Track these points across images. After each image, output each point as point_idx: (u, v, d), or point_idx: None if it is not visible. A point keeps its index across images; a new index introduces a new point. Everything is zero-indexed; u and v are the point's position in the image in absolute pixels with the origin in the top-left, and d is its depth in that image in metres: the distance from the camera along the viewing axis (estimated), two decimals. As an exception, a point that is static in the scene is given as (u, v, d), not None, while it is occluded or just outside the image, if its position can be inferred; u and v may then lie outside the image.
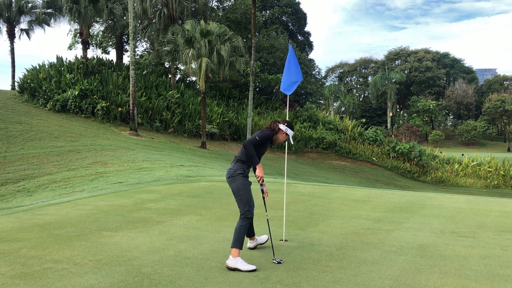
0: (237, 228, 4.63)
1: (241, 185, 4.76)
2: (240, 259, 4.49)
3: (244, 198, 4.72)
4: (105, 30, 45.08)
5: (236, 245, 4.55)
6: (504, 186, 31.40)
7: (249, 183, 4.84)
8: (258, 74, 38.13)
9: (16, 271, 4.30)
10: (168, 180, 11.74)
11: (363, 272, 4.47)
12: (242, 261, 4.49)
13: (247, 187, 4.79)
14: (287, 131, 5.06)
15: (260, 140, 4.86)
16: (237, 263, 4.45)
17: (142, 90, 30.76)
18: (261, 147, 4.97)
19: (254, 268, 4.44)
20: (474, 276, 4.43)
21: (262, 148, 4.98)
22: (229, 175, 4.87)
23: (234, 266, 4.45)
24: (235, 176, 4.82)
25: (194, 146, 27.27)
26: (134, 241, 5.49)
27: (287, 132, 5.07)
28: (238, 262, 4.46)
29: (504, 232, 6.42)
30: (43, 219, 6.80)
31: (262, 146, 4.98)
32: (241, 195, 4.73)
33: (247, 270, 4.41)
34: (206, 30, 27.44)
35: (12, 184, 13.57)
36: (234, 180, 4.81)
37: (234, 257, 4.50)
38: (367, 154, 35.66)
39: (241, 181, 4.78)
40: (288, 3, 52.36)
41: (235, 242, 4.56)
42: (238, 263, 4.45)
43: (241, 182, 4.78)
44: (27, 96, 28.67)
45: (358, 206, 8.39)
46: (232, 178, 4.82)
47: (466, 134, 77.90)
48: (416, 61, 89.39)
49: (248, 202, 4.73)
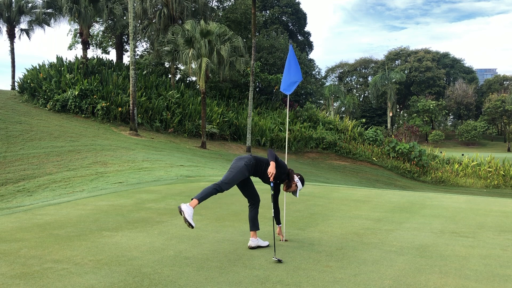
0: (206, 188, 4.92)
1: (236, 164, 5.13)
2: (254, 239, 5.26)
3: (229, 172, 5.05)
4: (105, 30, 45.10)
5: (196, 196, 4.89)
6: (504, 186, 31.41)
7: (244, 167, 5.06)
8: (258, 74, 38.13)
9: (16, 271, 4.30)
10: (168, 180, 11.74)
11: (363, 272, 4.47)
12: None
13: (239, 167, 5.05)
14: (297, 183, 5.40)
15: (280, 163, 5.27)
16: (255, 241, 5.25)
17: (142, 90, 30.76)
18: (267, 172, 5.18)
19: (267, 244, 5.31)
20: (474, 276, 4.43)
21: (266, 175, 5.22)
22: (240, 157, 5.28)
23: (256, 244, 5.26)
24: (242, 159, 5.19)
25: (194, 146, 27.27)
26: (134, 241, 5.49)
27: (297, 184, 5.40)
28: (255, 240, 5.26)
29: (504, 232, 6.42)
30: (43, 219, 6.80)
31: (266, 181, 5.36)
32: (231, 171, 5.06)
33: (263, 245, 5.29)
34: (206, 30, 27.44)
35: (12, 184, 13.57)
36: (239, 161, 5.19)
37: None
38: (367, 154, 35.66)
39: (240, 163, 5.12)
40: (288, 3, 52.37)
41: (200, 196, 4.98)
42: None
43: (238, 162, 5.14)
44: (27, 96, 28.67)
45: (358, 206, 8.39)
46: (239, 160, 5.19)
47: (466, 134, 77.91)
48: (416, 61, 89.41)
49: (227, 176, 4.98)
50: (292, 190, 5.39)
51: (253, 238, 5.23)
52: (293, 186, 5.36)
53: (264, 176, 5.28)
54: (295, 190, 5.39)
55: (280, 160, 5.30)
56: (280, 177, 5.33)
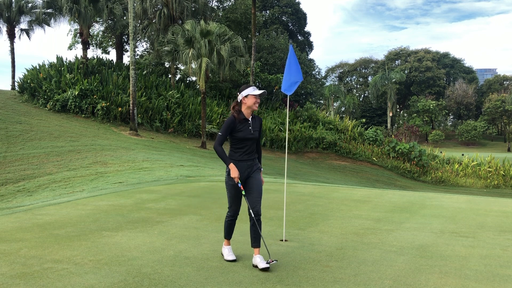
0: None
1: (225, 184, 4.74)
2: (225, 248, 4.85)
3: (228, 196, 4.77)
4: (105, 30, 45.09)
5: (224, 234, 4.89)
6: (504, 186, 31.40)
7: (230, 182, 4.62)
8: (258, 74, 38.13)
9: (16, 271, 4.30)
10: (168, 180, 11.74)
11: (363, 272, 4.47)
12: (224, 249, 4.85)
13: (228, 186, 4.68)
14: (248, 94, 4.57)
15: (222, 133, 4.56)
16: (223, 250, 4.87)
17: (142, 90, 30.76)
18: (238, 141, 4.61)
19: (233, 259, 4.74)
20: (474, 276, 4.43)
21: (241, 141, 4.60)
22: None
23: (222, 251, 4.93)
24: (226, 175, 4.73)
25: (194, 146, 27.28)
26: (134, 241, 5.49)
27: (249, 94, 4.57)
28: (223, 249, 4.87)
29: (504, 232, 6.42)
30: (43, 219, 6.80)
31: (236, 138, 4.59)
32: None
33: (226, 259, 4.75)
34: (206, 30, 27.44)
35: (12, 184, 13.57)
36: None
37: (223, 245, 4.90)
38: (367, 154, 35.66)
39: (226, 180, 4.70)
40: (288, 3, 52.37)
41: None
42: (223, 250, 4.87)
43: (226, 181, 4.70)
44: (27, 96, 28.66)
45: (358, 206, 8.39)
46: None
47: (466, 134, 77.89)
48: (416, 61, 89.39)
49: (231, 202, 4.73)
50: (253, 102, 4.57)
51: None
52: (250, 100, 4.56)
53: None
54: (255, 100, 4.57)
55: (219, 136, 4.59)
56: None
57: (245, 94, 4.58)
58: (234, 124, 4.60)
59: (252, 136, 4.62)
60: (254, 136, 4.63)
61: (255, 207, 4.57)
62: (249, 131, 4.63)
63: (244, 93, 4.59)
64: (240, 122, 4.61)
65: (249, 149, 4.65)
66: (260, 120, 4.79)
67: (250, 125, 4.63)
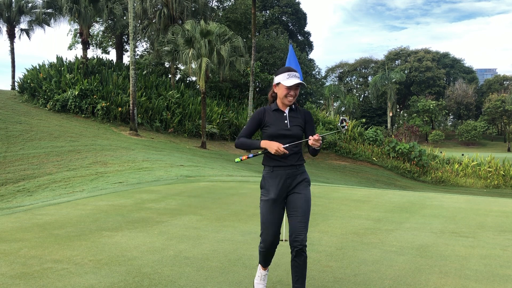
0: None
1: (260, 203, 3.61)
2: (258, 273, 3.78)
3: (260, 219, 3.60)
4: (105, 30, 45.09)
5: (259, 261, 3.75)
6: (504, 186, 31.40)
7: (265, 199, 3.52)
8: (258, 74, 38.13)
9: (16, 271, 4.29)
10: (168, 180, 11.73)
11: (363, 272, 4.47)
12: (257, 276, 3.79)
13: (260, 202, 3.59)
14: (280, 82, 3.48)
15: (246, 126, 3.58)
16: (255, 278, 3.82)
17: (142, 90, 30.76)
18: (269, 139, 3.48)
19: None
20: (474, 276, 4.43)
21: (273, 140, 3.47)
22: None
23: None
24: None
25: (194, 146, 27.27)
26: (134, 241, 5.49)
27: (280, 82, 3.48)
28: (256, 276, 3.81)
29: (504, 232, 6.42)
30: (43, 219, 6.80)
31: (266, 135, 3.51)
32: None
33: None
34: (206, 30, 27.44)
35: (12, 184, 13.57)
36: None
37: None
38: (367, 154, 35.66)
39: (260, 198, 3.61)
40: (288, 3, 52.37)
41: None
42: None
43: (261, 201, 3.58)
44: (27, 96, 28.66)
45: (358, 206, 8.39)
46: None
47: (466, 134, 77.88)
48: (416, 61, 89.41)
49: (263, 225, 3.54)
50: (285, 93, 3.48)
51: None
52: (281, 90, 3.50)
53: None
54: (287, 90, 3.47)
55: (243, 130, 3.61)
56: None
57: (277, 81, 3.53)
58: (261, 116, 3.55)
59: (288, 132, 3.46)
60: (291, 133, 3.48)
61: (299, 235, 3.37)
62: (284, 126, 3.50)
63: (276, 80, 3.54)
64: (272, 113, 3.55)
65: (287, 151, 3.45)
66: (305, 113, 3.62)
67: (286, 117, 3.53)
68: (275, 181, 3.49)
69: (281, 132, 3.47)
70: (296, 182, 3.53)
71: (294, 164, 3.53)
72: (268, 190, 3.51)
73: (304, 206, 3.45)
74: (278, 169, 3.50)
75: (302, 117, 3.60)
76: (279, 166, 3.50)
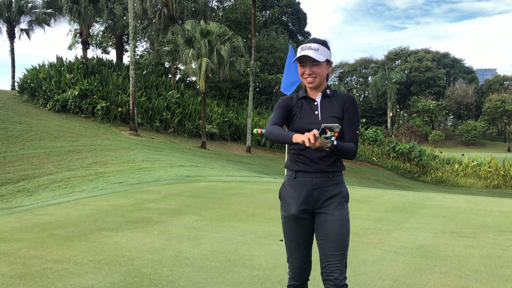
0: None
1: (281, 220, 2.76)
2: None
3: (285, 241, 2.78)
4: (105, 30, 45.11)
5: None
6: (504, 186, 31.39)
7: (285, 215, 2.68)
8: (258, 74, 38.14)
9: (16, 271, 4.29)
10: (168, 180, 11.73)
11: (363, 272, 4.47)
12: None
13: (282, 221, 2.73)
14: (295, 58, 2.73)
15: (273, 115, 2.66)
16: None
17: (142, 90, 30.76)
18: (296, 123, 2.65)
19: None
20: (474, 276, 4.43)
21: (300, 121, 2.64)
22: None
23: None
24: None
25: (194, 146, 27.27)
26: (134, 241, 5.49)
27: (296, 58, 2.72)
28: None
29: (504, 232, 6.42)
30: (43, 219, 6.79)
31: (293, 130, 2.63)
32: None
33: None
34: (206, 30, 27.44)
35: (12, 184, 13.57)
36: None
37: None
38: (367, 154, 35.65)
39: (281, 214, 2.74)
40: (288, 3, 52.39)
41: None
42: None
43: (281, 216, 2.74)
44: (27, 96, 28.66)
45: (358, 206, 8.39)
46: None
47: (466, 134, 77.85)
48: (416, 61, 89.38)
49: (288, 248, 2.74)
50: (300, 76, 2.77)
51: None
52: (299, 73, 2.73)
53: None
54: (300, 71, 2.75)
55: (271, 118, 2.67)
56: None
57: (294, 58, 2.90)
58: (289, 101, 2.70)
59: (319, 127, 2.46)
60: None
61: (332, 272, 2.52)
62: (314, 118, 2.64)
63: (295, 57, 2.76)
64: (299, 102, 2.72)
65: (315, 152, 2.56)
66: (345, 100, 2.74)
67: (317, 107, 2.68)
68: (296, 192, 2.61)
69: (309, 126, 2.55)
70: (326, 196, 2.58)
71: (324, 170, 2.57)
72: (288, 203, 2.64)
73: (338, 234, 2.54)
74: (302, 176, 2.59)
75: (340, 105, 2.68)
76: (303, 172, 2.59)
